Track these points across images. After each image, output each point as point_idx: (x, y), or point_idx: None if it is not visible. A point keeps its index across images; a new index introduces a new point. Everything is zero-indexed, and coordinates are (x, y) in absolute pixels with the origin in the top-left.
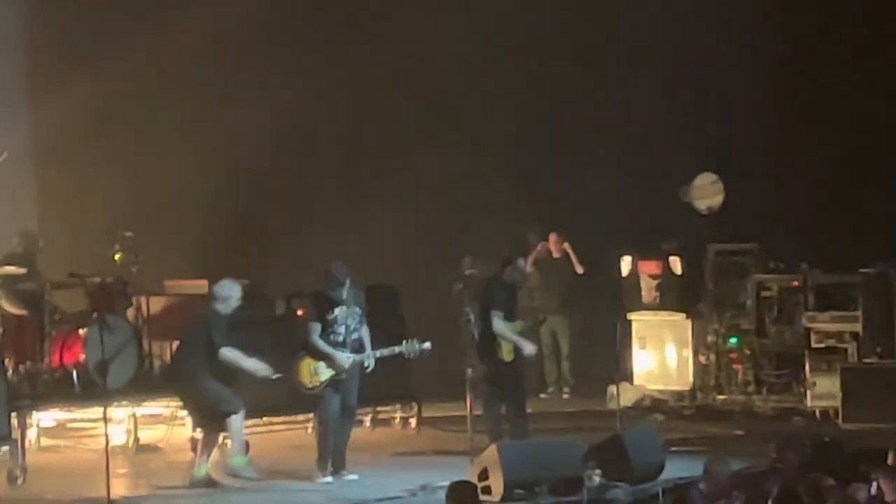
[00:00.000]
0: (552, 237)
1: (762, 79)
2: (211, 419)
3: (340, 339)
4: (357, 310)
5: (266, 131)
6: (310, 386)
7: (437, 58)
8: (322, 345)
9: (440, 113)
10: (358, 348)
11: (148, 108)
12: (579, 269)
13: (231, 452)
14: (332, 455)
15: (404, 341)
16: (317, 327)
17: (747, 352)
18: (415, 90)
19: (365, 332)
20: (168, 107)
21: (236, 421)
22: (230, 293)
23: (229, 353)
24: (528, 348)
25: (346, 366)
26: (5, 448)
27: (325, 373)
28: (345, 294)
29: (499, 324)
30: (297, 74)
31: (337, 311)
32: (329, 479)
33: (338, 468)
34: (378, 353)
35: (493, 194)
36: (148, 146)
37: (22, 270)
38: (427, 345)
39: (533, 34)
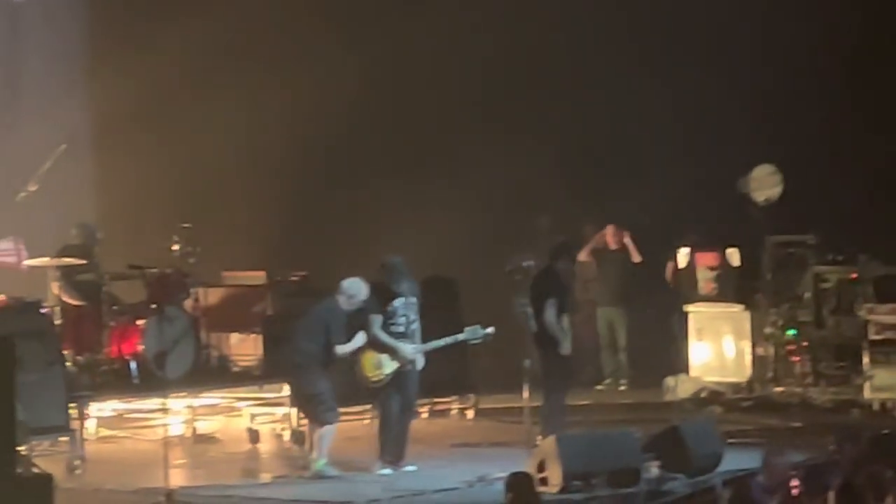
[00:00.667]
0: (610, 229)
1: (822, 71)
2: (312, 415)
3: (402, 329)
4: (414, 300)
5: (326, 123)
6: (374, 379)
7: (497, 52)
8: (385, 337)
9: (499, 107)
10: (419, 338)
11: (207, 99)
12: (638, 258)
13: (316, 455)
14: (391, 446)
15: (466, 328)
16: (378, 319)
17: (805, 344)
18: (474, 84)
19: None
20: (227, 98)
21: (330, 429)
22: (356, 292)
23: (344, 349)
24: (565, 348)
25: (411, 357)
26: (64, 438)
27: (390, 365)
28: (402, 285)
29: (550, 315)
30: (358, 67)
31: (396, 302)
32: (387, 470)
33: (397, 459)
34: (439, 343)
35: (552, 187)
36: (206, 138)
37: (81, 261)
38: (490, 330)
39: (591, 28)
